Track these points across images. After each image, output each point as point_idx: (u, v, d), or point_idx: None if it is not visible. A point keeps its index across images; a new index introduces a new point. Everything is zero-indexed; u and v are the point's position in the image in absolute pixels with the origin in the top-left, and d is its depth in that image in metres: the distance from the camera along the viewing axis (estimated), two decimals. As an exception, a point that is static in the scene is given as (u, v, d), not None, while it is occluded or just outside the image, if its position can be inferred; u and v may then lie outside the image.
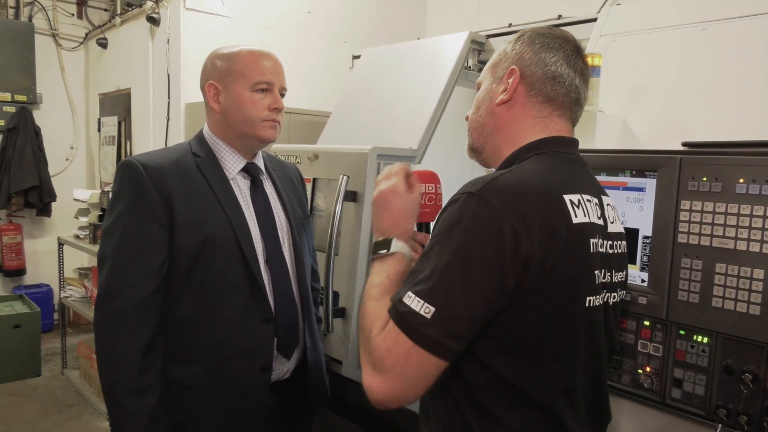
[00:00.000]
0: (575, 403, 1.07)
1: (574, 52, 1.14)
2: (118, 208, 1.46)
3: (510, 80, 1.13)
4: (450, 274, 0.95)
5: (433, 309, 0.93)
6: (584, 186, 1.11)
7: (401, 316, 0.96)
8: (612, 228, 1.15)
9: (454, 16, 4.93)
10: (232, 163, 1.59)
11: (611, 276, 1.14)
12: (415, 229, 1.38)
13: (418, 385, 0.97)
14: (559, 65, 1.11)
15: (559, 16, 3.25)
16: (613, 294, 1.15)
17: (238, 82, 1.53)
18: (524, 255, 0.94)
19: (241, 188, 1.59)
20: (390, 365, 0.96)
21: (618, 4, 2.23)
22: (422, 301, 0.94)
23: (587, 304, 1.06)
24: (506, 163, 1.12)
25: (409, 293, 0.96)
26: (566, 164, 1.12)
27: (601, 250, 1.09)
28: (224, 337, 1.49)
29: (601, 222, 1.11)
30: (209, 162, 1.55)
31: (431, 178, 1.36)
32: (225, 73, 1.54)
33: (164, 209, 1.44)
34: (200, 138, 1.62)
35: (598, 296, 1.09)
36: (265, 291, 1.53)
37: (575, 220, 1.03)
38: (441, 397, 1.07)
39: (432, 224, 1.41)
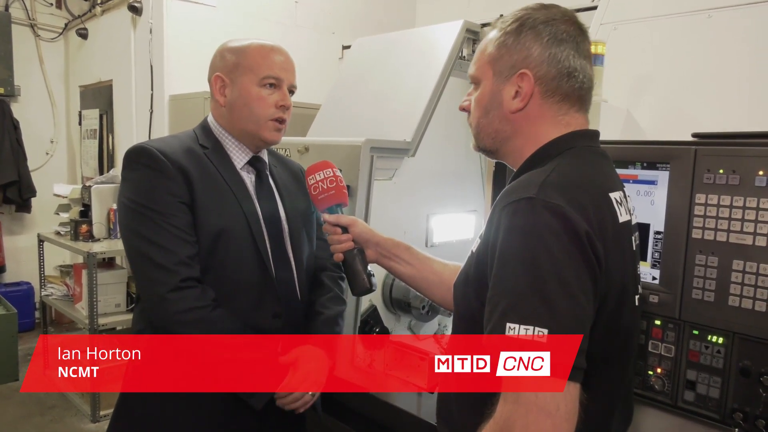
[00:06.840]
0: (619, 403, 1.05)
1: (580, 34, 1.05)
2: (141, 192, 1.39)
3: (522, 84, 1.03)
4: (545, 286, 0.83)
5: (545, 331, 0.82)
6: (617, 181, 1.06)
7: None
8: (634, 220, 1.11)
9: (445, 6, 4.86)
10: (238, 156, 1.55)
11: (637, 270, 1.10)
12: (327, 213, 1.48)
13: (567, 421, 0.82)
14: (571, 59, 1.03)
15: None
16: (638, 288, 1.11)
17: (246, 77, 1.49)
18: (598, 254, 0.89)
19: (246, 182, 1.55)
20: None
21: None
22: (530, 327, 0.82)
23: (636, 304, 1.04)
24: (534, 160, 1.04)
25: (509, 324, 0.83)
26: (600, 159, 1.07)
27: (636, 244, 1.06)
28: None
29: (629, 216, 1.06)
30: (218, 154, 1.52)
31: (325, 165, 1.47)
32: (233, 67, 1.50)
33: (188, 192, 1.41)
34: (205, 128, 1.57)
35: (637, 294, 1.07)
36: (275, 286, 1.50)
37: (621, 219, 0.98)
38: (474, 405, 0.98)
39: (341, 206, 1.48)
